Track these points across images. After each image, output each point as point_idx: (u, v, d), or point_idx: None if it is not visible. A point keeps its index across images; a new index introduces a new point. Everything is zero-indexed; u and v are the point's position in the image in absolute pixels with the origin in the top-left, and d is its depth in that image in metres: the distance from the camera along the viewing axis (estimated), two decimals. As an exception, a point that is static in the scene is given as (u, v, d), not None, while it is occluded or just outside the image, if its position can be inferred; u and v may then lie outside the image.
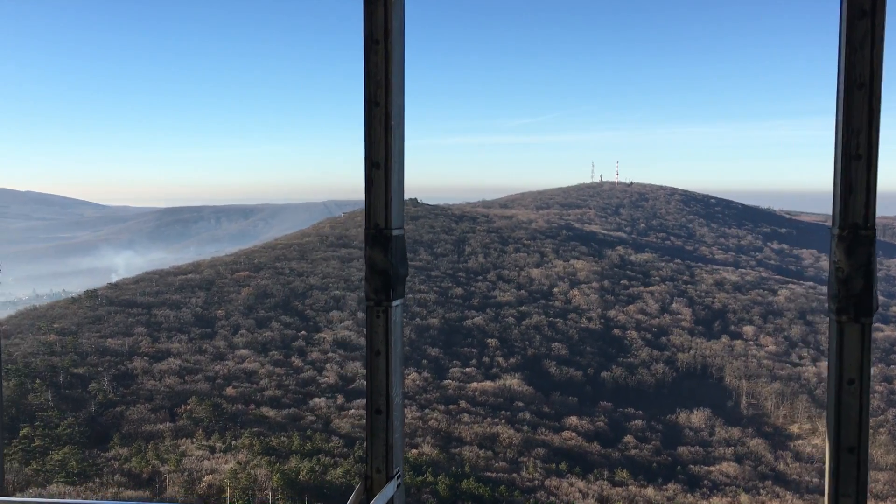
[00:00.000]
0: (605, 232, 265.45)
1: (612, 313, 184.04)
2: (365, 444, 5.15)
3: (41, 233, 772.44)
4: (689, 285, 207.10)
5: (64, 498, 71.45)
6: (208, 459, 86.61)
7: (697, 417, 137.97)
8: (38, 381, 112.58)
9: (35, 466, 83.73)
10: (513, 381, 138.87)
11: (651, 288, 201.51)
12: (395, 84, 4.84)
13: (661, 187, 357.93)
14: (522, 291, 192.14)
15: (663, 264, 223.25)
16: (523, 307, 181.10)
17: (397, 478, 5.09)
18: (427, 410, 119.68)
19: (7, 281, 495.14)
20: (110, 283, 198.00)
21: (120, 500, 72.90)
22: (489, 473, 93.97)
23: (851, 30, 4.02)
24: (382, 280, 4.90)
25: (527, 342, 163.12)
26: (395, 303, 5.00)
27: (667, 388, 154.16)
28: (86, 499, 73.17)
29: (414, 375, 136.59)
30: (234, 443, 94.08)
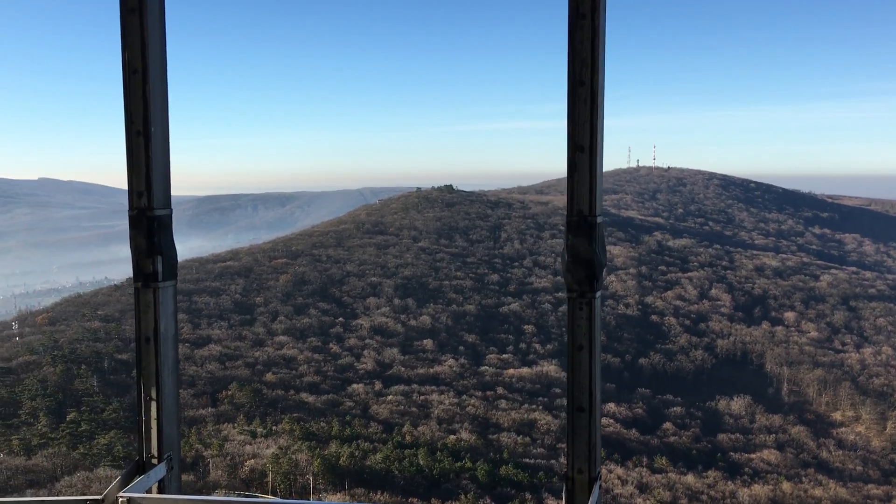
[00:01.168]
0: (643, 217, 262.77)
1: (649, 299, 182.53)
2: (566, 443, 4.85)
3: (84, 221, 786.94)
4: (728, 271, 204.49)
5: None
6: (250, 444, 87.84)
7: (738, 404, 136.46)
8: (83, 366, 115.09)
9: (82, 450, 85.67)
10: (550, 368, 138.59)
11: (689, 274, 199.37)
12: (601, 61, 4.59)
13: (700, 172, 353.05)
14: (559, 278, 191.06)
15: (702, 250, 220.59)
16: (560, 293, 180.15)
17: (598, 479, 4.79)
18: (464, 397, 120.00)
19: (51, 269, 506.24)
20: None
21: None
22: (527, 460, 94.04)
23: None
24: (586, 270, 4.61)
25: (563, 328, 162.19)
26: (598, 294, 4.72)
27: (706, 374, 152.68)
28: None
29: (451, 362, 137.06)
30: (274, 428, 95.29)
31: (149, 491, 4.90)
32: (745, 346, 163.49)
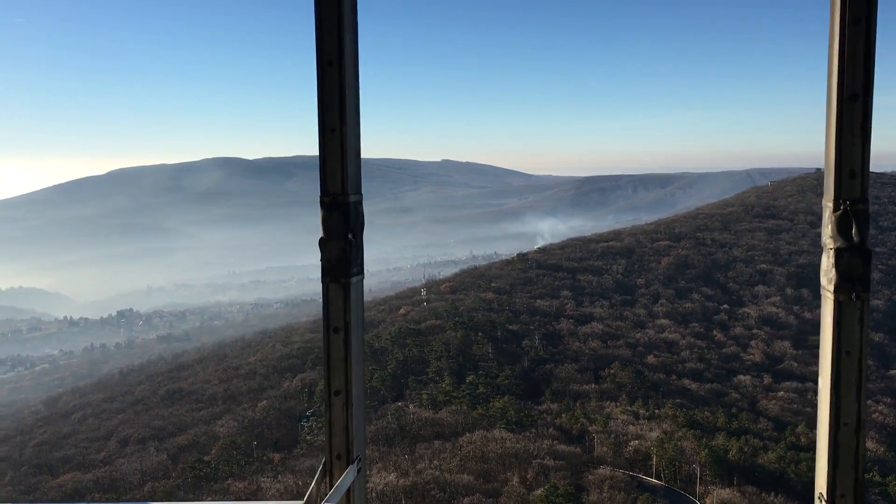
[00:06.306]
0: None
1: None
2: (324, 427, 4.43)
3: (477, 199, 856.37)
4: None
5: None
6: (633, 425, 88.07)
7: None
8: (479, 333, 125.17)
9: (480, 411, 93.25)
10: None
11: None
12: (347, 46, 4.25)
13: None
14: None
15: None
16: None
17: (357, 462, 4.51)
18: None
19: (449, 242, 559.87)
20: (539, 248, 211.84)
21: (555, 452, 77.70)
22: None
23: None
24: (341, 252, 4.30)
25: None
26: (353, 277, 4.40)
27: None
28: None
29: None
30: (657, 411, 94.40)
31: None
32: None
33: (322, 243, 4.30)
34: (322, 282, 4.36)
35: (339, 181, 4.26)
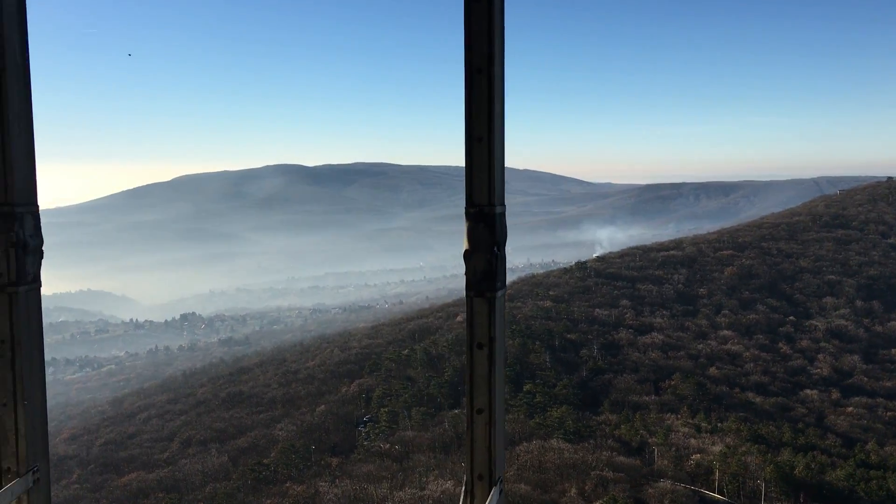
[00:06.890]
0: None
1: None
2: (466, 447, 4.37)
3: (534, 207, 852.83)
4: None
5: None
6: (694, 438, 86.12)
7: None
8: (537, 342, 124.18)
9: (537, 420, 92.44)
10: None
11: None
12: (498, 47, 4.11)
13: None
14: None
15: None
16: None
17: (500, 483, 4.43)
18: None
19: (507, 250, 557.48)
20: (598, 256, 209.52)
21: (614, 464, 76.43)
22: None
23: None
24: (486, 265, 4.16)
25: None
26: (499, 290, 4.26)
27: None
28: (582, 458, 78.35)
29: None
30: (719, 425, 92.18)
31: None
32: None
33: (467, 256, 4.17)
34: (466, 295, 4.21)
35: (486, 192, 4.15)
